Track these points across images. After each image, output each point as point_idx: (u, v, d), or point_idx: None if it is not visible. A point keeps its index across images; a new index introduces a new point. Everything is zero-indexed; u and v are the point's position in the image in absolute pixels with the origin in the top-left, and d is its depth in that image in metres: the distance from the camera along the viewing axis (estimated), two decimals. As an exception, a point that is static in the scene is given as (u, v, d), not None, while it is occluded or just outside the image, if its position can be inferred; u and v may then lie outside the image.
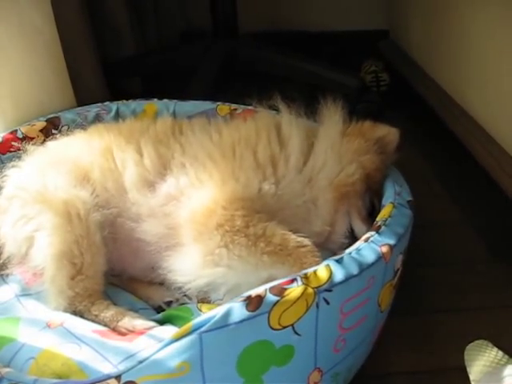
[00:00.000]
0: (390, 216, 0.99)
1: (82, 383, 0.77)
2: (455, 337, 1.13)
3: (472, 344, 1.05)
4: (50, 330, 0.98)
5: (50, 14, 1.47)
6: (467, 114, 1.57)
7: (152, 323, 0.99)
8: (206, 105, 1.46)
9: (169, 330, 0.96)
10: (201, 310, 1.03)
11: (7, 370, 0.86)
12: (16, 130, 1.35)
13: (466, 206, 1.57)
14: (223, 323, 0.76)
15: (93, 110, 1.45)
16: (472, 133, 1.51)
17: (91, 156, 1.16)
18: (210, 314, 0.76)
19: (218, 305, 1.05)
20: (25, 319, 1.03)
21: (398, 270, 0.97)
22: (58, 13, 1.49)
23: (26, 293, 1.11)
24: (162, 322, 1.02)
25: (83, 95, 1.57)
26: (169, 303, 1.12)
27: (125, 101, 1.50)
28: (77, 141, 1.23)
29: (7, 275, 1.15)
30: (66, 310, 1.04)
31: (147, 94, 1.55)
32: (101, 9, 1.91)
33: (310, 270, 0.84)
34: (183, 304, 1.10)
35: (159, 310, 1.11)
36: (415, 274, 1.27)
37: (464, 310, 1.22)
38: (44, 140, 1.30)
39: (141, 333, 0.95)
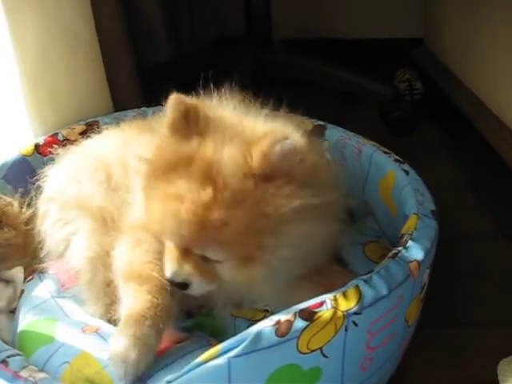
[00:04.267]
0: (415, 228, 0.94)
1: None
2: (485, 351, 1.08)
3: (506, 360, 1.00)
4: (85, 336, 0.96)
5: (91, 20, 1.45)
6: (504, 125, 1.50)
7: (183, 334, 0.96)
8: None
9: (197, 342, 0.93)
10: (232, 314, 1.00)
11: (42, 375, 0.85)
12: (57, 133, 1.35)
13: (499, 218, 1.51)
14: (252, 348, 0.73)
15: (130, 114, 1.44)
16: (509, 143, 1.46)
17: None
18: (238, 337, 0.74)
19: (250, 309, 1.02)
20: (61, 322, 1.01)
21: (424, 284, 0.93)
22: (97, 19, 1.47)
23: (62, 295, 1.09)
24: (191, 329, 0.99)
25: (119, 100, 1.55)
26: (200, 307, 1.10)
27: (161, 106, 1.49)
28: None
29: (43, 273, 1.13)
30: (101, 318, 1.01)
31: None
32: (137, 15, 1.89)
33: (339, 292, 0.80)
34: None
35: (189, 313, 1.10)
36: (445, 286, 1.23)
37: (494, 324, 1.16)
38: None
39: (168, 346, 0.92)
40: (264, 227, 0.82)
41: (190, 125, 0.85)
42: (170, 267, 0.88)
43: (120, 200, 1.08)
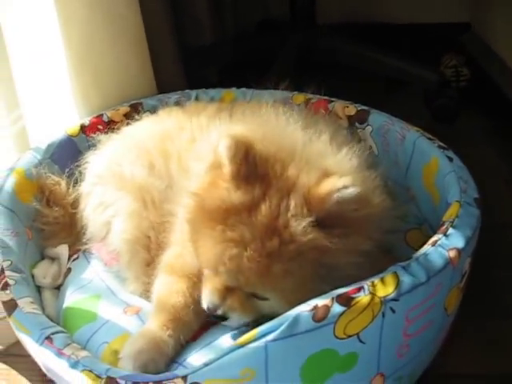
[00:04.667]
0: (457, 216, 0.92)
1: (150, 379, 0.77)
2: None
3: None
4: (126, 317, 0.99)
5: (136, 2, 1.45)
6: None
7: None
8: (283, 94, 1.42)
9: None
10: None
11: (84, 353, 0.87)
12: (102, 115, 1.37)
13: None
14: (289, 333, 0.73)
15: (173, 96, 1.45)
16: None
17: None
18: (275, 321, 0.74)
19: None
20: (105, 300, 1.04)
21: (465, 272, 0.91)
22: (141, 1, 1.47)
23: (106, 270, 1.13)
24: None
25: (162, 81, 1.56)
26: None
27: (204, 89, 1.50)
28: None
29: (88, 252, 1.17)
30: (141, 296, 1.05)
31: (224, 83, 1.54)
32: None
33: (377, 278, 0.80)
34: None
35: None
36: (488, 276, 1.20)
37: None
38: (128, 123, 1.30)
39: (206, 327, 0.94)
40: (320, 276, 0.83)
41: (249, 170, 0.84)
42: (209, 298, 0.87)
43: (162, 186, 1.10)
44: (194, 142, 1.11)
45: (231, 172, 0.83)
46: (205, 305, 0.87)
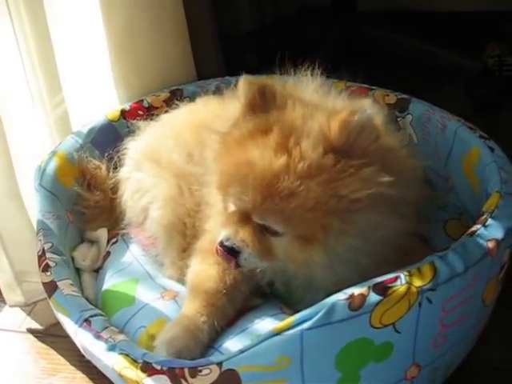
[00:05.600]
0: (496, 207, 0.90)
1: (185, 364, 0.77)
2: None
3: None
4: (164, 302, 0.99)
5: (176, -10, 1.46)
6: None
7: (257, 301, 0.97)
8: (322, 81, 1.42)
9: (270, 309, 0.94)
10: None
11: (121, 337, 0.88)
12: (142, 100, 1.38)
13: None
14: (325, 321, 0.73)
15: (213, 83, 1.45)
16: None
17: None
18: (311, 309, 0.74)
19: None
20: (143, 284, 1.05)
21: (504, 264, 0.90)
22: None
23: (144, 254, 1.14)
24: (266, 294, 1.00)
25: (201, 68, 1.55)
26: None
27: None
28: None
29: (127, 236, 1.18)
30: (178, 281, 1.05)
31: (263, 71, 1.53)
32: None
33: (413, 268, 0.78)
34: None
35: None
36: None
37: None
38: (166, 111, 1.31)
39: (242, 313, 0.94)
40: (333, 209, 0.80)
41: (267, 101, 0.85)
42: (224, 230, 0.87)
43: (199, 175, 1.09)
44: None
45: (246, 103, 0.86)
46: (219, 238, 0.87)
